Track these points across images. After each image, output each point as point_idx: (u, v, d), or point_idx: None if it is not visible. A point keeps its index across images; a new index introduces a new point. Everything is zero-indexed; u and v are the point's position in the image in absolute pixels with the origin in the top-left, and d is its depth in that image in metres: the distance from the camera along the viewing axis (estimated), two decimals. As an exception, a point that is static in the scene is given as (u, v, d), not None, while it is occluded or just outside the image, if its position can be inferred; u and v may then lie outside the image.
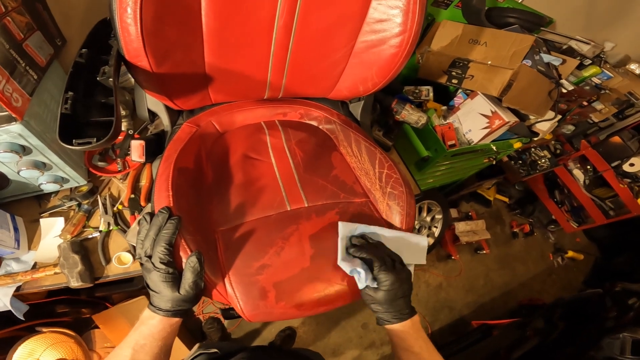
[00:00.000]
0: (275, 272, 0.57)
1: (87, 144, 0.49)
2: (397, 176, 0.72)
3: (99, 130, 0.54)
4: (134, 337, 0.48)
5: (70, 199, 0.88)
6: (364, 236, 0.60)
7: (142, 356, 0.47)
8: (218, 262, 0.56)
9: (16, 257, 0.85)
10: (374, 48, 0.73)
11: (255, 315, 0.55)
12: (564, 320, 1.66)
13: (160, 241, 0.49)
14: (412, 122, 1.13)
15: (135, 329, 0.49)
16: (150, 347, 0.47)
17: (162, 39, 0.57)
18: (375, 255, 0.55)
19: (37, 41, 0.75)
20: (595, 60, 1.67)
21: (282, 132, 0.80)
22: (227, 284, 0.55)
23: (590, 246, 2.58)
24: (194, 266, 0.49)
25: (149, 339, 0.48)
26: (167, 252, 0.49)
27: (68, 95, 0.53)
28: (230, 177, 0.69)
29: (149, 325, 0.49)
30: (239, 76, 0.73)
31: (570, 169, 2.23)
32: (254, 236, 0.60)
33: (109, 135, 0.49)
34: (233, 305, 0.55)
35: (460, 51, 1.32)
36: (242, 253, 0.58)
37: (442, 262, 2.06)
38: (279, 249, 0.59)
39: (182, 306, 0.50)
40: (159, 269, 0.48)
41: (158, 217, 0.50)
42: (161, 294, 0.49)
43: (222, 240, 0.59)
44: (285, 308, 0.56)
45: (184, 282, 0.49)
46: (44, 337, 1.12)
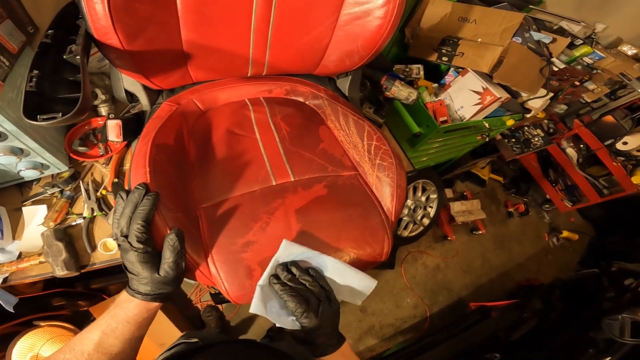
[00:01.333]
0: (261, 249, 0.55)
1: (52, 119, 0.47)
2: (386, 147, 0.70)
3: (69, 107, 0.52)
4: (106, 321, 0.45)
5: (52, 186, 0.86)
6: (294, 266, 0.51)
7: (112, 340, 0.44)
8: (201, 241, 0.55)
9: (1, 247, 0.82)
10: (359, 20, 0.70)
11: (241, 296, 0.53)
12: (562, 301, 1.67)
13: (137, 218, 0.46)
14: (403, 98, 1.11)
15: (108, 312, 0.46)
16: (122, 332, 0.45)
17: (133, 15, 0.55)
18: (298, 298, 0.48)
19: (7, 29, 0.73)
20: (587, 41, 1.66)
21: (267, 107, 0.77)
22: (210, 263, 0.53)
23: (584, 225, 2.59)
24: (173, 244, 0.46)
25: (122, 323, 0.45)
26: (144, 230, 0.46)
27: (33, 74, 0.52)
28: (213, 154, 0.66)
29: (125, 308, 0.46)
30: (220, 53, 0.71)
31: (564, 148, 2.23)
32: (237, 212, 0.58)
33: (74, 110, 0.47)
34: (217, 286, 0.53)
35: (449, 29, 1.30)
36: (226, 230, 0.56)
37: (439, 243, 2.06)
38: (264, 224, 0.57)
39: (162, 289, 0.47)
40: (136, 248, 0.45)
41: (134, 194, 0.48)
42: (139, 276, 0.46)
43: (204, 217, 0.57)
44: None
45: (164, 263, 0.46)
46: (43, 331, 1.10)
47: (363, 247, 0.62)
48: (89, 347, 0.43)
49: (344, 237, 0.60)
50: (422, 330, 1.80)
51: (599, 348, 1.24)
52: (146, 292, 0.46)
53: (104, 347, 0.43)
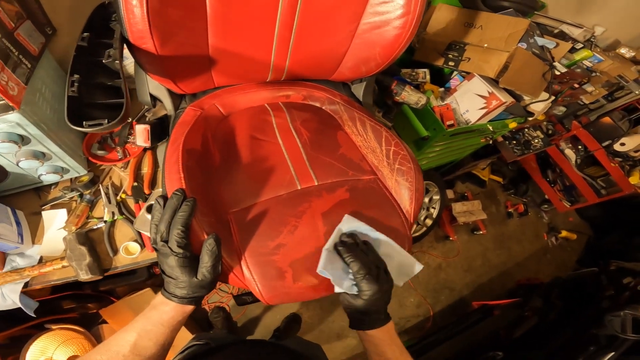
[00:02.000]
0: (291, 251, 0.56)
1: (98, 125, 0.48)
2: (404, 153, 0.72)
3: (104, 112, 0.53)
4: (142, 323, 0.46)
5: (71, 190, 0.86)
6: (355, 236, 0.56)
7: (146, 342, 0.45)
8: (233, 245, 0.56)
9: (20, 252, 0.83)
10: (377, 29, 0.72)
11: (273, 297, 0.54)
12: (562, 299, 1.71)
13: (177, 224, 0.47)
14: (412, 103, 1.13)
15: (144, 314, 0.48)
16: (156, 334, 0.46)
17: (166, 20, 0.56)
18: (362, 262, 0.51)
19: (27, 30, 0.74)
20: (586, 44, 1.70)
21: (287, 112, 0.79)
22: (243, 266, 0.55)
23: (582, 225, 2.65)
24: (211, 249, 0.47)
25: (157, 326, 0.46)
26: (184, 235, 0.47)
27: (74, 78, 0.52)
28: (238, 158, 0.68)
29: (161, 311, 0.47)
30: (243, 58, 0.72)
31: (562, 149, 2.27)
32: (266, 216, 0.60)
33: (120, 116, 0.48)
34: (251, 288, 0.55)
35: (456, 34, 1.33)
36: (257, 234, 0.57)
37: (441, 243, 2.10)
38: (293, 227, 0.59)
39: (197, 292, 0.48)
40: (176, 252, 0.46)
41: (172, 200, 0.49)
42: (178, 280, 0.47)
43: (235, 221, 0.59)
44: (302, 288, 0.55)
45: (202, 267, 0.47)
46: (55, 334, 1.11)
47: (385, 248, 0.64)
48: (125, 349, 0.44)
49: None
50: (425, 329, 1.83)
51: (602, 344, 1.27)
52: (182, 295, 0.47)
53: (139, 349, 0.44)
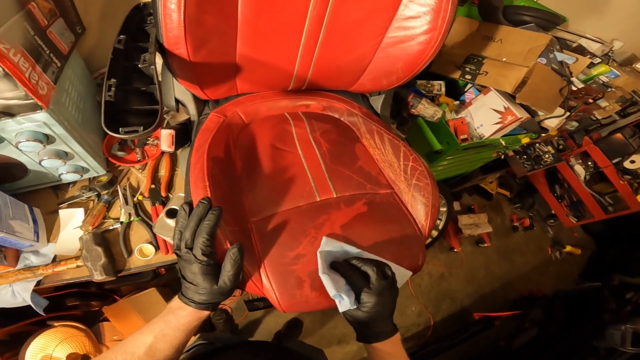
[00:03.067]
0: (310, 262, 0.57)
1: (134, 132, 0.49)
2: (422, 169, 0.73)
3: (136, 117, 0.54)
4: (159, 326, 0.47)
5: (89, 190, 0.87)
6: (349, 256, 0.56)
7: (162, 345, 0.46)
8: (254, 253, 0.57)
9: (35, 250, 0.83)
10: (402, 44, 0.73)
11: (291, 305, 0.55)
12: (563, 311, 1.71)
13: (202, 232, 0.48)
14: (428, 116, 1.14)
15: (161, 317, 0.48)
16: (172, 338, 0.47)
17: (201, 26, 0.57)
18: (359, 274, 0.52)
19: (59, 28, 0.74)
20: (604, 59, 1.69)
21: (307, 123, 0.80)
22: (262, 275, 0.56)
23: (586, 240, 2.63)
24: (235, 258, 0.48)
25: (173, 330, 0.47)
26: (209, 243, 0.48)
27: (111, 82, 0.52)
28: (259, 167, 0.69)
29: (178, 316, 0.48)
30: (267, 67, 0.73)
31: (572, 165, 2.26)
32: (287, 226, 0.61)
33: (155, 123, 0.49)
34: (268, 296, 0.56)
35: (474, 47, 1.33)
36: (277, 243, 0.58)
37: (445, 254, 2.10)
38: (313, 238, 0.59)
39: (216, 299, 0.49)
40: (201, 260, 0.47)
41: (199, 208, 0.50)
42: (198, 286, 0.48)
43: (256, 230, 0.60)
44: (320, 297, 0.56)
45: (224, 274, 0.48)
46: (56, 331, 1.11)
47: (401, 261, 0.64)
48: (140, 350, 0.45)
49: (385, 252, 0.62)
50: (425, 338, 1.82)
51: (600, 356, 1.28)
52: (201, 301, 0.48)
53: (154, 351, 0.45)
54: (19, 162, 0.77)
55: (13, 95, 0.59)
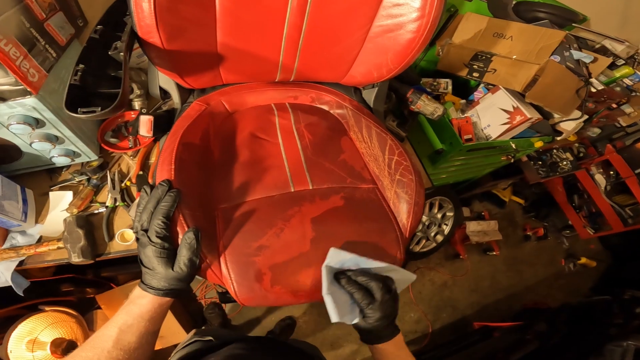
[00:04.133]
0: (273, 254, 0.55)
1: (92, 112, 0.49)
2: (407, 163, 0.69)
3: (108, 102, 0.54)
4: (121, 317, 0.46)
5: (80, 174, 0.89)
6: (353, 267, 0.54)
7: (129, 337, 0.45)
8: (216, 241, 0.56)
9: (23, 230, 0.85)
10: (390, 33, 0.70)
11: (249, 298, 0.53)
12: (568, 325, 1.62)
13: (158, 214, 0.47)
14: (428, 113, 1.10)
15: (123, 308, 0.47)
16: (137, 327, 0.46)
17: (175, 16, 0.57)
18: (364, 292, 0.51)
19: (58, 21, 0.77)
20: (629, 61, 1.59)
21: (292, 114, 0.78)
22: (222, 263, 0.54)
23: (603, 253, 2.50)
24: (190, 242, 0.47)
25: (137, 319, 0.46)
26: (164, 226, 0.47)
27: (79, 68, 0.54)
28: (236, 156, 0.68)
29: (139, 304, 0.47)
30: (251, 57, 0.72)
31: (592, 174, 2.14)
32: (254, 216, 0.59)
33: (113, 105, 0.49)
34: (227, 286, 0.54)
35: (483, 44, 1.28)
36: (241, 232, 0.57)
37: (449, 261, 2.03)
38: (279, 230, 0.57)
39: (175, 285, 0.48)
40: (155, 243, 0.46)
41: (157, 190, 0.49)
42: (154, 271, 0.47)
43: (222, 218, 0.58)
44: (280, 293, 0.54)
45: (179, 259, 0.47)
46: (46, 315, 1.11)
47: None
48: (108, 344, 0.43)
49: (358, 250, 0.58)
50: (421, 346, 1.77)
51: None
52: (159, 287, 0.47)
53: (122, 343, 0.44)
54: (13, 145, 0.80)
55: (5, 82, 0.64)
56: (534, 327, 1.58)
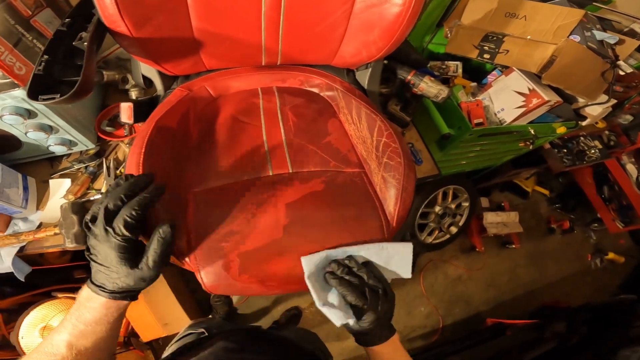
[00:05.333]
0: (243, 241, 0.53)
1: (52, 99, 0.50)
2: (395, 145, 0.65)
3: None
4: (71, 322, 0.41)
5: (79, 162, 0.91)
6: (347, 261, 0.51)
7: (83, 342, 0.40)
8: (185, 226, 0.54)
9: (24, 216, 0.88)
10: (375, 7, 0.66)
11: (215, 286, 0.51)
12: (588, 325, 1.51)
13: (134, 204, 0.40)
14: (432, 96, 1.03)
15: (72, 312, 0.42)
16: (92, 332, 0.41)
17: (140, 3, 0.56)
18: (358, 292, 0.48)
19: (46, 17, 0.80)
20: None
21: (278, 97, 0.75)
22: (190, 249, 0.52)
23: (634, 249, 2.34)
24: (165, 237, 0.41)
25: (92, 325, 0.41)
26: (137, 217, 0.40)
27: (43, 59, 0.55)
28: (215, 139, 0.66)
29: (90, 308, 0.41)
30: (231, 41, 0.70)
31: (624, 163, 1.99)
32: (226, 200, 0.57)
33: (72, 91, 0.50)
34: (194, 272, 0.52)
35: (494, 25, 1.20)
36: (211, 217, 0.55)
37: (465, 254, 1.95)
38: (250, 215, 0.55)
39: (135, 286, 0.41)
40: (121, 235, 0.39)
41: (138, 179, 0.43)
42: (110, 269, 0.40)
43: (193, 202, 0.57)
44: (248, 282, 0.52)
45: (148, 256, 0.41)
46: (59, 302, 1.11)
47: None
48: (62, 350, 0.40)
49: (333, 237, 0.56)
50: (431, 341, 1.71)
51: None
52: (114, 288, 0.41)
53: (78, 348, 0.40)
54: (12, 135, 0.83)
55: (-6, 75, 0.68)
56: (551, 327, 1.49)
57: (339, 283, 0.48)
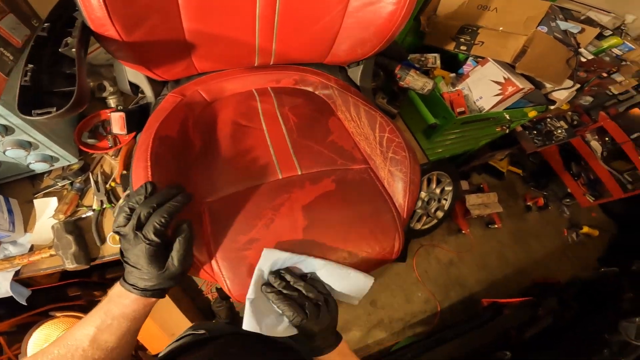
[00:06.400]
0: (265, 246, 0.52)
1: (47, 113, 0.46)
2: (399, 140, 0.66)
3: (67, 101, 0.51)
4: (99, 316, 0.43)
5: (62, 178, 0.86)
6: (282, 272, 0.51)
7: (107, 336, 0.42)
8: (204, 237, 0.53)
9: (13, 240, 0.83)
10: (370, 6, 0.66)
11: (243, 294, 0.50)
12: (579, 300, 1.61)
13: (163, 211, 0.43)
14: (418, 88, 1.06)
15: (101, 307, 0.44)
16: (118, 327, 0.43)
17: (130, 5, 0.53)
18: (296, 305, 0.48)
19: (9, 23, 0.74)
20: (616, 32, 1.58)
21: (275, 98, 0.75)
22: (213, 260, 0.52)
23: (606, 222, 2.49)
24: (185, 235, 0.44)
25: (118, 319, 0.43)
26: (166, 223, 0.43)
27: (28, 68, 0.50)
28: (218, 146, 0.64)
29: (120, 304, 0.44)
30: (224, 42, 0.68)
31: (588, 141, 2.13)
32: (242, 208, 0.56)
33: (69, 104, 0.45)
34: (220, 283, 0.52)
35: (468, 17, 1.24)
36: (229, 226, 0.54)
37: (453, 237, 2.02)
38: (269, 221, 0.54)
39: (163, 284, 0.45)
40: (151, 240, 0.42)
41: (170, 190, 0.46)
42: (142, 271, 0.44)
43: (208, 212, 0.55)
44: None
45: (173, 256, 0.44)
46: (59, 321, 1.10)
47: (372, 246, 0.59)
48: (84, 343, 0.41)
49: (353, 235, 0.57)
50: (432, 326, 1.77)
51: (613, 350, 1.19)
52: (146, 287, 0.44)
53: (99, 343, 0.42)
54: (-12, 156, 0.77)
55: (-38, 90, 0.61)
56: (544, 303, 1.58)
57: (276, 297, 0.48)
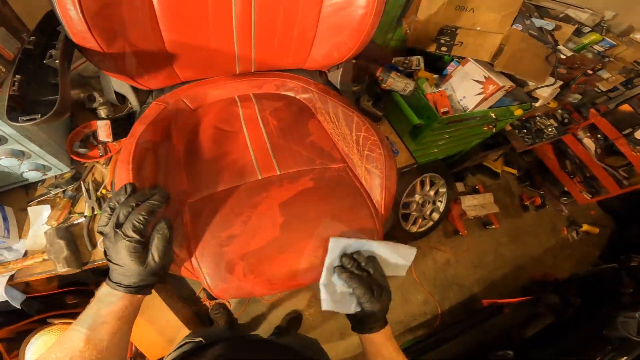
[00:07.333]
0: (243, 243, 0.55)
1: (32, 120, 0.49)
2: (374, 138, 0.69)
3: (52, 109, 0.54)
4: (89, 316, 0.44)
5: (55, 187, 0.89)
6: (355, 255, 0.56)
7: (100, 335, 0.43)
8: (185, 235, 0.55)
9: (8, 246, 0.86)
10: (342, 11, 0.70)
11: (223, 290, 0.53)
12: (579, 296, 1.60)
13: (142, 210, 0.45)
14: (400, 90, 1.09)
15: (90, 307, 0.45)
16: (110, 326, 0.44)
17: (108, 19, 0.56)
18: (365, 285, 0.54)
19: (1, 36, 0.77)
20: (596, 29, 1.61)
21: (256, 103, 0.78)
22: (193, 257, 0.54)
23: (605, 218, 2.48)
24: (163, 232, 0.46)
25: (108, 318, 0.44)
26: (145, 222, 0.44)
27: (15, 79, 0.54)
28: (200, 150, 0.67)
29: (108, 303, 0.45)
30: (204, 51, 0.71)
31: (580, 138, 2.14)
32: (222, 206, 0.58)
33: (52, 111, 0.49)
34: (200, 280, 0.53)
35: (447, 18, 1.28)
36: (209, 224, 0.56)
37: (450, 239, 2.02)
38: (247, 218, 0.57)
39: (146, 281, 0.46)
40: (130, 237, 0.44)
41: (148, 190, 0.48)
42: (125, 267, 0.45)
43: (189, 212, 0.58)
44: (254, 282, 0.53)
45: (153, 252, 0.46)
46: (56, 329, 1.11)
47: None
48: (80, 344, 0.42)
49: (331, 229, 0.59)
50: (432, 327, 1.76)
51: (613, 346, 1.18)
52: (130, 284, 0.45)
53: (94, 342, 0.43)
54: (-18, 164, 0.80)
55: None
56: (545, 300, 1.57)
57: (349, 277, 0.54)
